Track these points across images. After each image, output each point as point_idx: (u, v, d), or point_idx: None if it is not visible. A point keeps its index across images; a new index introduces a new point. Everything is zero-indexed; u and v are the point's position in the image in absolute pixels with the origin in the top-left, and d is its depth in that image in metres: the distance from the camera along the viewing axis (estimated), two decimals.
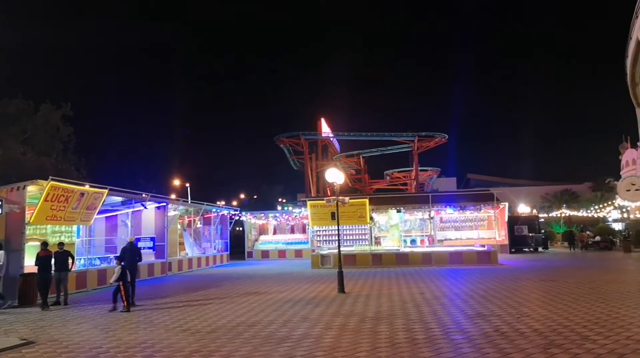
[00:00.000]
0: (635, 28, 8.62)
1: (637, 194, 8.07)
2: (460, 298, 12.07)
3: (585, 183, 56.72)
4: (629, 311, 9.57)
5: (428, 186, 66.07)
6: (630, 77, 11.47)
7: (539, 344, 7.11)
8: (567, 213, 46.93)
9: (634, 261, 22.31)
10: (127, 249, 13.00)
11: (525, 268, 20.01)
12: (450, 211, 30.55)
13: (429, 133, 57.59)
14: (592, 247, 33.63)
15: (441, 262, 22.20)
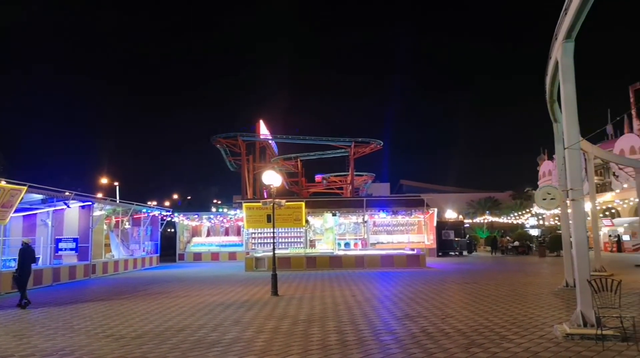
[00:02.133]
0: (554, 49, 9.33)
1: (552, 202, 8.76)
2: (390, 300, 12.43)
3: (507, 192, 60.45)
4: (543, 312, 10.30)
5: (363, 191, 67.48)
6: (549, 95, 12.40)
7: (461, 344, 7.48)
8: (490, 219, 49.83)
9: (547, 265, 24.08)
10: (22, 251, 12.77)
11: (450, 271, 20.98)
12: (383, 216, 31.38)
13: (365, 139, 58.91)
14: (511, 251, 35.90)
15: (373, 265, 22.74)
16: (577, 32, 8.32)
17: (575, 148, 8.50)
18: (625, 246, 35.06)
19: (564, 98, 8.74)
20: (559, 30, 8.78)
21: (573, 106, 8.64)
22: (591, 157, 20.77)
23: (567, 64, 8.66)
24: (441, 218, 36.83)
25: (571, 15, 7.78)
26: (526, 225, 47.87)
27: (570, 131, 8.62)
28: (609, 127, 46.41)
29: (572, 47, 8.56)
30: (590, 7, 7.51)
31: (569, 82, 8.66)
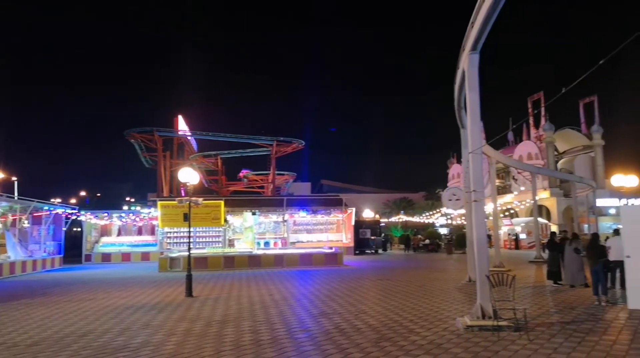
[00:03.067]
0: (462, 59, 9.96)
1: (457, 203, 9.45)
2: (307, 299, 12.56)
3: (420, 193, 63.64)
4: (448, 306, 10.97)
5: (284, 190, 67.57)
6: (457, 102, 13.21)
7: (372, 339, 7.76)
8: (404, 219, 52.19)
9: (454, 262, 25.69)
10: None
11: (366, 269, 21.67)
12: (303, 215, 31.66)
13: (287, 139, 58.98)
14: (422, 249, 37.86)
15: (292, 264, 22.86)
16: (482, 45, 8.95)
17: (478, 152, 9.15)
18: (522, 243, 38.32)
19: (469, 106, 9.37)
20: (466, 42, 9.39)
21: (477, 114, 9.28)
22: (493, 161, 22.53)
23: (472, 74, 9.29)
24: (359, 217, 37.90)
25: (477, 28, 8.35)
26: (436, 224, 50.72)
27: (473, 137, 9.26)
28: (510, 134, 50.59)
29: (477, 58, 9.20)
30: (494, 23, 8.11)
31: (474, 91, 9.29)
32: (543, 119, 44.01)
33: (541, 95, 43.47)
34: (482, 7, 7.93)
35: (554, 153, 44.46)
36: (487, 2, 7.59)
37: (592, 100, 44.60)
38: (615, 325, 8.48)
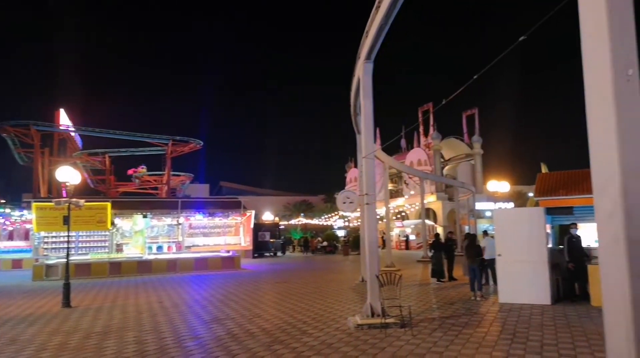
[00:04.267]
0: (357, 68, 10.30)
1: (351, 206, 9.77)
2: (199, 304, 12.11)
3: (320, 196, 64.99)
4: (341, 306, 11.25)
5: (180, 192, 64.85)
6: (353, 109, 13.66)
7: (264, 342, 7.67)
8: (304, 221, 52.92)
9: (349, 263, 26.56)
10: None
11: (264, 272, 21.53)
12: (199, 218, 30.62)
13: (183, 138, 56.67)
14: (320, 251, 38.66)
15: (186, 269, 21.97)
16: (376, 54, 9.34)
17: (370, 157, 9.52)
18: (411, 244, 40.82)
19: (363, 112, 9.72)
20: (361, 51, 9.74)
21: (370, 120, 9.66)
22: (387, 166, 23.71)
23: (367, 82, 9.66)
24: (258, 220, 37.67)
25: (371, 38, 8.69)
26: (335, 226, 52.13)
27: (367, 142, 9.62)
28: (403, 141, 53.74)
29: (371, 67, 9.58)
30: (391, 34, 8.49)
31: (368, 98, 9.66)
32: (432, 129, 47.34)
33: (430, 106, 46.75)
34: (375, 18, 8.27)
35: (440, 159, 48.00)
36: (380, 13, 7.92)
37: (473, 112, 49.00)
38: (487, 318, 9.30)
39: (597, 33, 2.89)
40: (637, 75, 2.85)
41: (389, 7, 7.47)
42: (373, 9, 8.34)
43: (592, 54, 2.95)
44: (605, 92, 2.84)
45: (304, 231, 51.68)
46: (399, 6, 7.55)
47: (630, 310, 2.69)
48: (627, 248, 2.72)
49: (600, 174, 2.90)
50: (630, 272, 2.71)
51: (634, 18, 2.88)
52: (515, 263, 10.81)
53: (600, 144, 2.90)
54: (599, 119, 2.90)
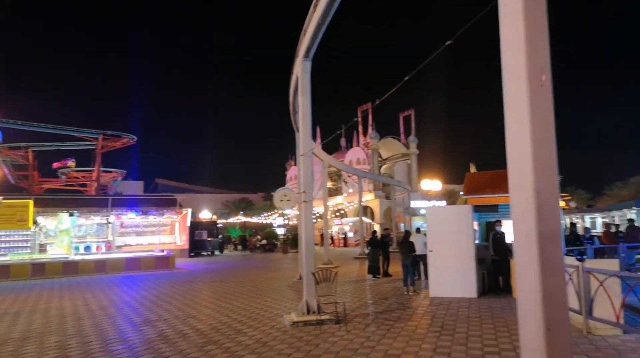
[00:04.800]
0: (296, 65, 10.29)
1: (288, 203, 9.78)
2: (129, 306, 11.61)
3: (260, 193, 64.52)
4: (278, 304, 11.22)
5: (112, 189, 61.90)
6: (292, 106, 13.65)
7: (197, 343, 7.49)
8: (243, 219, 52.28)
9: (288, 261, 26.55)
10: None
11: (200, 271, 21.04)
12: (132, 216, 29.36)
13: (115, 133, 54.18)
14: (259, 249, 38.37)
15: (117, 269, 21.00)
16: (314, 53, 9.37)
17: (308, 155, 9.55)
18: (350, 241, 41.49)
19: (301, 110, 9.73)
20: (299, 49, 9.74)
21: (308, 119, 9.69)
22: (326, 165, 23.93)
23: (305, 80, 9.67)
24: (195, 218, 36.74)
25: (309, 36, 8.71)
26: (274, 225, 51.94)
27: (304, 140, 9.64)
28: (342, 140, 54.49)
29: (309, 65, 9.60)
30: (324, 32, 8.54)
31: (306, 96, 9.68)
32: (370, 128, 48.37)
33: (369, 106, 47.72)
34: (313, 16, 8.30)
35: (378, 159, 49.18)
36: (317, 12, 7.96)
37: (409, 114, 50.60)
38: (418, 312, 9.64)
39: (515, 41, 3.05)
40: (550, 81, 3.05)
41: (327, 6, 7.52)
42: (311, 7, 8.37)
43: (510, 60, 3.11)
44: (521, 96, 3.01)
45: (243, 229, 51.06)
46: (337, 5, 7.61)
47: (540, 301, 2.87)
48: (538, 243, 2.90)
49: (515, 174, 3.07)
50: (541, 266, 2.89)
51: (547, 28, 3.07)
52: (445, 258, 11.28)
53: (516, 146, 3.07)
54: (515, 122, 3.07)
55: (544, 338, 2.84)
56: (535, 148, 2.96)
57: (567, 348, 2.91)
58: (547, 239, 2.93)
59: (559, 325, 2.88)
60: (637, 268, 13.61)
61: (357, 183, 31.57)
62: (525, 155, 2.99)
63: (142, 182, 71.78)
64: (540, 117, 3.00)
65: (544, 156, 2.99)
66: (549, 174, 3.00)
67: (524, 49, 3.00)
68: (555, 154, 3.03)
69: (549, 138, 3.03)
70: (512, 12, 3.08)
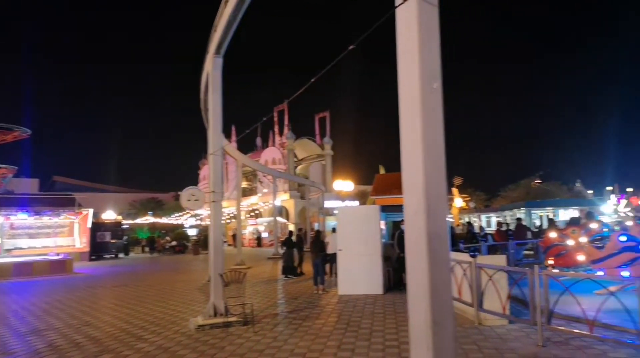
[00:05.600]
0: (206, 62, 10.02)
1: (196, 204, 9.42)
2: (17, 315, 10.55)
3: (170, 193, 61.92)
4: (185, 307, 10.83)
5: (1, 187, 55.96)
6: (203, 103, 13.28)
7: (92, 353, 6.99)
8: (152, 220, 49.90)
9: (199, 262, 25.75)
10: None
11: (101, 275, 19.72)
12: (23, 217, 26.77)
13: (5, 125, 48.98)
14: (169, 251, 36.85)
15: (4, 275, 19.00)
16: (225, 49, 9.19)
17: (217, 154, 9.33)
18: (264, 241, 41.27)
19: (211, 108, 9.49)
20: (210, 45, 9.49)
21: (218, 116, 9.47)
22: (240, 164, 23.58)
23: (216, 77, 9.45)
24: (98, 219, 34.38)
25: (219, 33, 8.52)
26: (186, 225, 50.19)
27: (214, 139, 9.41)
28: (259, 139, 54.09)
29: (220, 62, 9.39)
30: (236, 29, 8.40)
31: (216, 93, 9.46)
32: (286, 129, 48.48)
33: (285, 106, 47.82)
34: (223, 13, 8.13)
35: (294, 159, 49.44)
36: (228, 8, 7.80)
37: (325, 115, 51.49)
38: (326, 310, 9.81)
39: (410, 50, 3.20)
40: (440, 88, 3.24)
41: (237, 2, 7.40)
42: (222, 4, 8.19)
43: (405, 68, 3.26)
44: (414, 101, 3.17)
45: (152, 230, 48.72)
46: (248, 2, 7.51)
47: (428, 296, 3.04)
48: (427, 241, 3.07)
49: (409, 176, 3.23)
50: (429, 263, 3.06)
51: (439, 39, 3.26)
52: (353, 256, 11.60)
53: (409, 150, 3.22)
54: (408, 127, 3.22)
55: (430, 331, 3.01)
56: (426, 152, 3.13)
57: (452, 340, 3.11)
58: (435, 238, 3.10)
59: (444, 318, 3.06)
60: (524, 263, 14.98)
61: (273, 183, 31.49)
62: (417, 158, 3.14)
63: (38, 180, 65.70)
64: (431, 123, 3.18)
65: (434, 160, 3.17)
66: (438, 177, 3.18)
67: (417, 59, 3.16)
68: (444, 158, 3.23)
69: (438, 143, 3.21)
70: (407, 24, 3.22)
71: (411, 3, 3.14)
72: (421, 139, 3.13)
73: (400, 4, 3.20)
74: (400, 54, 3.28)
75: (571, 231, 10.84)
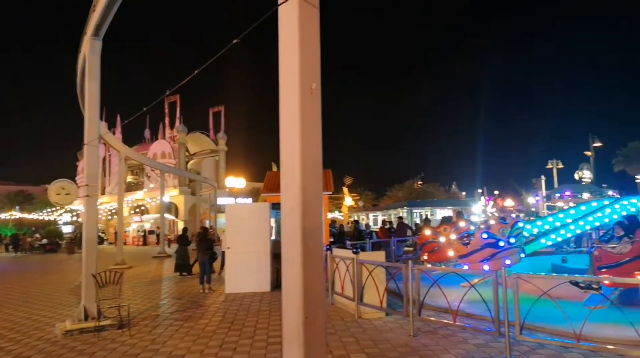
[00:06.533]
0: (83, 44, 9.20)
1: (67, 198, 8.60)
2: None
3: (43, 185, 55.97)
4: (52, 311, 9.85)
5: None
6: (80, 89, 12.22)
7: None
8: (19, 216, 44.75)
9: (74, 262, 23.61)
10: None
11: None
12: None
13: None
14: (38, 250, 33.33)
15: None
16: (105, 31, 8.52)
17: (93, 144, 8.62)
18: (150, 239, 39.12)
19: (87, 94, 8.75)
20: (87, 26, 8.73)
21: (96, 104, 8.76)
22: (123, 157, 22.08)
23: (93, 61, 8.72)
24: None
25: (98, 13, 7.87)
26: (60, 222, 45.83)
27: (90, 128, 8.68)
28: (147, 131, 51.19)
29: (99, 45, 8.69)
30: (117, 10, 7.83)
31: (94, 79, 8.74)
32: (178, 121, 46.50)
33: (177, 98, 45.85)
34: None
35: (185, 153, 47.60)
36: None
37: (219, 109, 50.31)
38: (211, 309, 9.57)
39: (290, 49, 3.23)
40: (319, 89, 3.31)
41: None
42: None
43: (285, 67, 3.28)
44: (293, 101, 3.20)
45: (19, 227, 43.70)
46: None
47: (301, 291, 3.09)
48: (302, 238, 3.12)
49: (286, 173, 3.25)
50: (303, 259, 3.11)
51: (319, 40, 3.33)
52: (242, 254, 11.47)
53: (288, 147, 3.25)
54: (288, 125, 3.25)
55: (302, 326, 3.06)
56: (303, 151, 3.18)
57: (322, 336, 3.19)
58: (309, 234, 3.16)
59: (315, 313, 3.14)
60: (405, 258, 16.03)
61: (161, 177, 29.89)
62: (295, 157, 3.18)
63: None
64: (309, 123, 3.24)
65: (311, 159, 3.23)
66: (315, 175, 3.25)
67: (297, 59, 3.20)
68: (321, 156, 3.31)
69: (316, 142, 3.29)
70: (289, 24, 3.24)
71: (292, 3, 3.16)
72: (299, 139, 3.17)
73: (282, 2, 3.21)
74: (281, 53, 3.30)
75: (443, 229, 11.83)
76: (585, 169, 41.84)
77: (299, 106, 3.18)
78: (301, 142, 3.17)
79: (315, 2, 3.28)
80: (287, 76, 3.26)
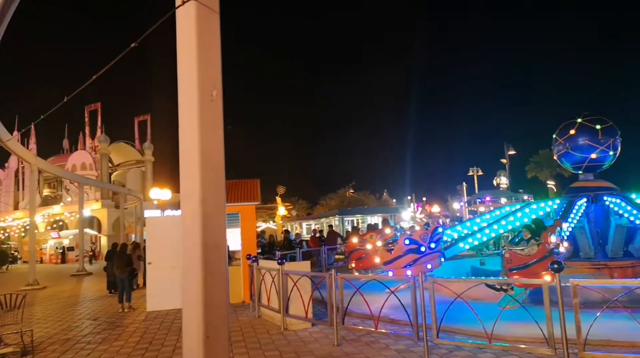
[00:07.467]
0: None
1: None
2: None
3: None
4: None
5: None
6: None
7: None
8: None
9: None
10: None
11: None
12: None
13: None
14: None
15: None
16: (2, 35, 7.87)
17: None
18: (69, 257, 36.53)
19: None
20: None
21: None
22: (35, 169, 20.50)
23: None
24: None
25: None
26: None
27: None
28: (65, 142, 48.12)
29: None
30: None
31: None
32: (99, 131, 44.07)
33: (99, 106, 43.55)
34: None
35: (108, 164, 45.15)
36: None
37: (146, 118, 48.33)
38: (129, 329, 9.03)
39: (188, 55, 3.09)
40: (220, 96, 3.19)
41: None
42: None
43: (184, 76, 3.13)
44: (192, 110, 3.06)
45: None
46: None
47: (202, 309, 2.93)
48: (202, 253, 2.97)
49: (185, 184, 3.09)
50: (204, 276, 2.96)
51: (219, 46, 3.22)
52: (164, 269, 10.93)
53: (187, 157, 3.09)
54: (187, 134, 3.10)
55: (202, 346, 2.90)
56: (203, 160, 3.04)
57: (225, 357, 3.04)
58: (211, 249, 3.02)
59: (218, 333, 2.99)
60: (335, 266, 16.11)
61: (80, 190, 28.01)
62: (194, 167, 3.03)
63: None
64: (210, 131, 3.11)
65: (213, 169, 3.10)
66: (217, 186, 3.12)
67: (196, 67, 3.06)
68: (223, 166, 3.19)
69: (218, 152, 3.16)
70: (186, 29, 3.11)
71: (189, 7, 3.03)
72: (198, 148, 3.03)
73: (179, 5, 3.07)
74: (180, 59, 3.15)
75: (369, 237, 12.01)
76: (502, 175, 44.68)
77: (197, 114, 3.05)
78: (200, 151, 3.04)
79: (215, 7, 3.17)
80: (185, 84, 3.12)
